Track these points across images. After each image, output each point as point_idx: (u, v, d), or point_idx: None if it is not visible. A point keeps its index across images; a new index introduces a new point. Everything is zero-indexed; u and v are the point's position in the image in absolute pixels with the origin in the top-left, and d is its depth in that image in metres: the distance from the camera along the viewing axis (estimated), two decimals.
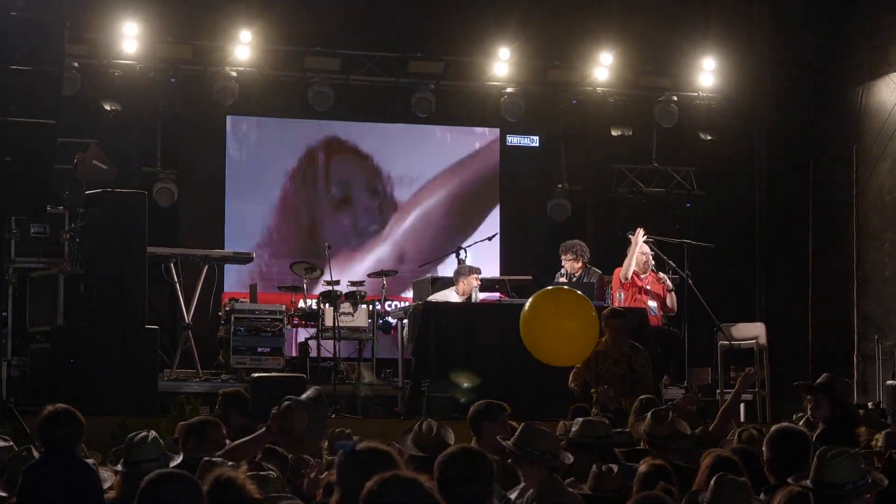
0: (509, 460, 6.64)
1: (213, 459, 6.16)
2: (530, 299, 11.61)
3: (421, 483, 3.95)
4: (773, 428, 6.45)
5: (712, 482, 5.82)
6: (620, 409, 10.98)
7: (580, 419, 7.77)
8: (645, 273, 14.64)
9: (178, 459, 6.77)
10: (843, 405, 8.22)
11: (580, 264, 14.70)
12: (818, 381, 8.36)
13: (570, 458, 6.78)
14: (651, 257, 14.73)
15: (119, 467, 6.45)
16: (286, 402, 6.23)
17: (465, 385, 12.74)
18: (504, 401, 11.80)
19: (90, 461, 6.75)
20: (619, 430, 8.51)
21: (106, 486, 6.59)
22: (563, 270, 14.82)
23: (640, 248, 14.64)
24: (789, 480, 5.86)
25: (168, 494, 4.54)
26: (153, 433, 6.66)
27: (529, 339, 11.34)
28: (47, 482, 6.24)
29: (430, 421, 7.17)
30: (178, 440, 7.41)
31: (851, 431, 8.09)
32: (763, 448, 6.36)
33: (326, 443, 8.83)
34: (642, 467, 6.51)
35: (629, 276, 14.43)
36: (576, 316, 11.24)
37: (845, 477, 5.59)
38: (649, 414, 8.24)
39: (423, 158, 18.20)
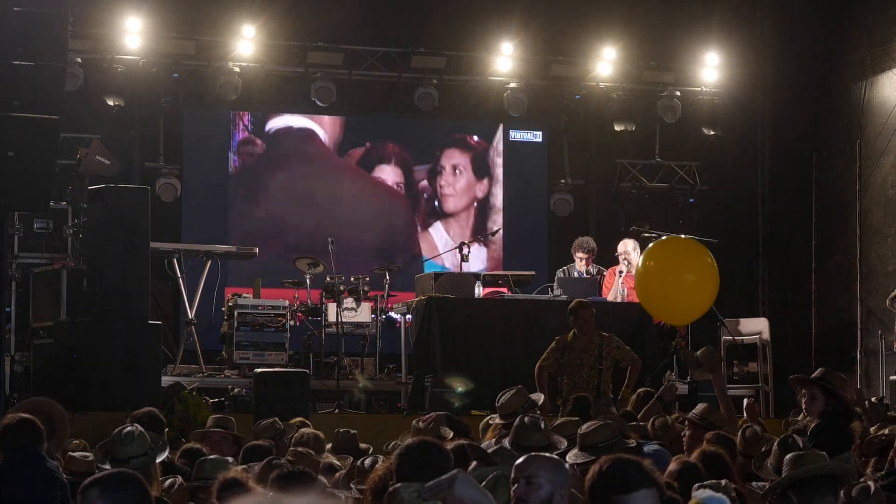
0: None
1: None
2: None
3: None
4: None
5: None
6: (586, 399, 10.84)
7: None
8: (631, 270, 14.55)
9: (164, 454, 6.84)
10: (838, 399, 8.15)
11: (590, 260, 14.74)
12: (813, 374, 8.32)
13: (563, 443, 6.78)
14: (632, 253, 14.57)
15: (107, 465, 6.47)
16: None
17: (460, 389, 12.75)
18: None
19: (85, 454, 6.84)
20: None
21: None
22: (566, 268, 14.80)
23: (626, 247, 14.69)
24: None
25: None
26: (139, 428, 6.72)
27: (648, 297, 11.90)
28: (9, 484, 6.36)
29: (436, 414, 7.30)
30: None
31: (847, 425, 8.03)
32: None
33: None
34: (673, 465, 6.38)
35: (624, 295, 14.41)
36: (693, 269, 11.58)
37: None
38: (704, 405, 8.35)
39: (425, 154, 18.17)
